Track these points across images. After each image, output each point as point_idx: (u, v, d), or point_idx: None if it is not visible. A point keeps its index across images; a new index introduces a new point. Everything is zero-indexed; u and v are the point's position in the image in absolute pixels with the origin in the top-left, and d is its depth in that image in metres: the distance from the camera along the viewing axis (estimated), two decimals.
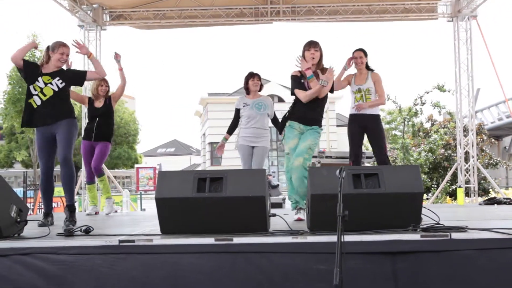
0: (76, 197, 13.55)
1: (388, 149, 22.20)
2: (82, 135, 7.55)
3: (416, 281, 3.38)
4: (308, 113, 5.49)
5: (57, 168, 5.32)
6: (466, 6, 11.50)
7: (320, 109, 5.66)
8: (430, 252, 3.42)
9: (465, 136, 12.22)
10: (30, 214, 4.96)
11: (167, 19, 12.02)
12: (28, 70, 5.37)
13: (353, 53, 6.59)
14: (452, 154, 15.49)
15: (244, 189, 3.82)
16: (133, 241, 3.58)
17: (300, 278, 3.38)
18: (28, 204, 12.16)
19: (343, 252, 2.87)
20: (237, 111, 6.86)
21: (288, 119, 5.59)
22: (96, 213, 7.69)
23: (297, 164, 5.25)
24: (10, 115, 24.68)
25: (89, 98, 7.32)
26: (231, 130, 7.05)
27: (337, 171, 3.21)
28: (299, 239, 3.53)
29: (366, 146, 11.92)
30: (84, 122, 10.35)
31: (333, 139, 37.66)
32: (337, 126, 42.52)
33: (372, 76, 6.49)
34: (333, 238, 3.02)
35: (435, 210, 4.41)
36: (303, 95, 5.41)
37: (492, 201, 9.03)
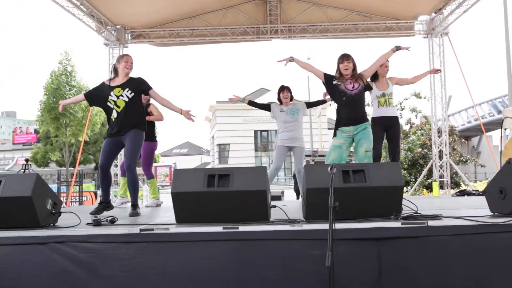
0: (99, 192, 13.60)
1: None
2: None
3: (398, 263, 3.37)
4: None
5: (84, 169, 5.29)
6: (439, 25, 11.53)
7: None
8: (409, 238, 3.42)
9: (439, 136, 12.24)
10: (63, 206, 4.96)
11: (180, 38, 12.05)
12: (96, 98, 5.33)
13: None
14: (428, 153, 15.46)
15: (248, 184, 3.82)
16: (152, 229, 3.57)
17: (297, 262, 3.38)
18: (61, 198, 12.20)
19: (334, 238, 2.87)
20: (268, 106, 6.93)
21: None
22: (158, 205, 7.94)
23: None
24: (45, 122, 24.71)
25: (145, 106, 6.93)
26: (253, 103, 7.16)
27: (329, 168, 3.21)
28: (296, 227, 3.53)
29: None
30: None
31: (325, 140, 37.68)
32: (328, 129, 42.47)
33: (391, 81, 6.30)
34: (325, 226, 3.02)
35: (414, 201, 4.41)
36: None
37: (463, 193, 9.04)
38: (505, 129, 10.47)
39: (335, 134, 5.40)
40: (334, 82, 5.34)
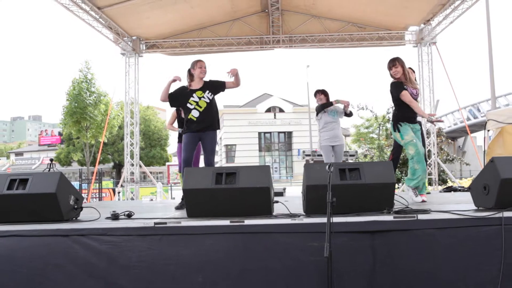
0: (120, 188, 13.64)
1: (366, 148, 22.13)
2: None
3: (390, 254, 3.37)
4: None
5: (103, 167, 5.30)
6: (427, 35, 11.53)
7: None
8: (401, 231, 3.40)
9: (427, 137, 12.18)
10: (85, 202, 4.98)
11: (190, 47, 12.08)
12: (176, 99, 5.47)
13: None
14: None
15: (252, 181, 3.81)
16: (165, 223, 3.58)
17: (298, 253, 3.37)
18: (83, 194, 12.27)
19: (332, 231, 2.87)
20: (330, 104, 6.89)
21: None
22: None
23: None
24: (68, 125, 24.75)
25: (177, 110, 6.70)
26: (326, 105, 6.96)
27: (327, 167, 3.20)
28: (297, 221, 3.52)
29: (349, 145, 11.84)
30: None
31: None
32: None
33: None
34: (324, 220, 3.01)
35: (405, 197, 4.40)
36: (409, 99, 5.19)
37: (450, 189, 9.00)
38: (488, 130, 10.44)
39: (398, 130, 5.31)
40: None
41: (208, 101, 5.39)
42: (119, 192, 14.15)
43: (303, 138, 42.97)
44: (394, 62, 5.26)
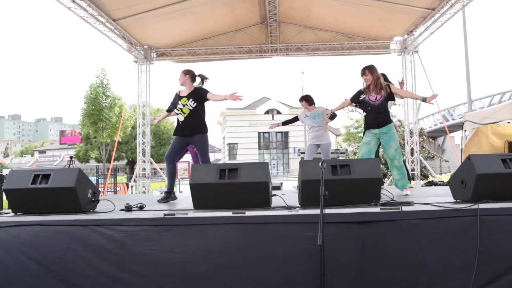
0: (133, 183, 13.62)
1: (356, 147, 22.10)
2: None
3: (377, 242, 3.36)
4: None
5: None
6: (410, 44, 11.53)
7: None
8: (387, 221, 3.40)
9: (410, 137, 12.20)
10: (101, 195, 4.97)
11: (196, 55, 12.06)
12: (172, 104, 5.46)
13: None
14: (402, 150, 15.41)
15: (253, 176, 3.81)
16: (174, 214, 3.57)
17: (294, 241, 3.37)
18: (99, 188, 12.26)
19: (324, 222, 2.86)
20: (297, 118, 7.22)
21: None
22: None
23: None
24: (86, 125, 24.74)
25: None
26: (286, 122, 7.32)
27: (320, 163, 3.20)
28: (293, 212, 3.51)
29: (339, 143, 11.83)
30: None
31: None
32: None
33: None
34: (317, 211, 3.00)
35: (390, 190, 4.40)
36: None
37: (431, 183, 8.98)
38: (465, 130, 10.44)
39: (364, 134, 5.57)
40: (361, 97, 5.34)
41: (191, 108, 5.26)
42: (132, 186, 14.13)
43: (298, 137, 43.01)
44: (364, 71, 5.26)
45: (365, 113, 5.46)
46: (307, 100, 7.02)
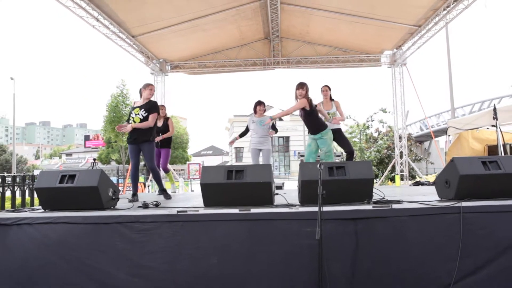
0: (149, 183, 13.63)
1: None
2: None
3: (370, 237, 3.35)
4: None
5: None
6: (399, 58, 11.51)
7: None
8: (378, 218, 3.38)
9: (400, 141, 12.15)
10: (121, 194, 4.96)
11: (206, 68, 12.09)
12: (130, 113, 5.33)
13: (322, 88, 6.62)
14: (392, 153, 15.35)
15: (257, 177, 3.81)
16: (185, 211, 3.58)
17: (295, 236, 3.36)
18: (119, 188, 12.28)
19: (322, 218, 2.85)
20: (248, 126, 6.89)
21: None
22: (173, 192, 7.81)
23: None
24: (108, 131, 24.90)
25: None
26: (242, 135, 7.06)
27: (318, 165, 3.20)
28: (294, 210, 3.51)
29: (335, 147, 11.86)
30: None
31: None
32: None
33: (335, 103, 6.50)
34: (315, 209, 3.00)
35: (382, 190, 4.38)
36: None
37: (418, 183, 8.95)
38: (449, 135, 10.38)
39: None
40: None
41: (141, 117, 5.11)
42: (148, 186, 14.16)
43: (298, 142, 42.93)
44: (300, 85, 5.61)
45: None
46: (264, 106, 6.77)
